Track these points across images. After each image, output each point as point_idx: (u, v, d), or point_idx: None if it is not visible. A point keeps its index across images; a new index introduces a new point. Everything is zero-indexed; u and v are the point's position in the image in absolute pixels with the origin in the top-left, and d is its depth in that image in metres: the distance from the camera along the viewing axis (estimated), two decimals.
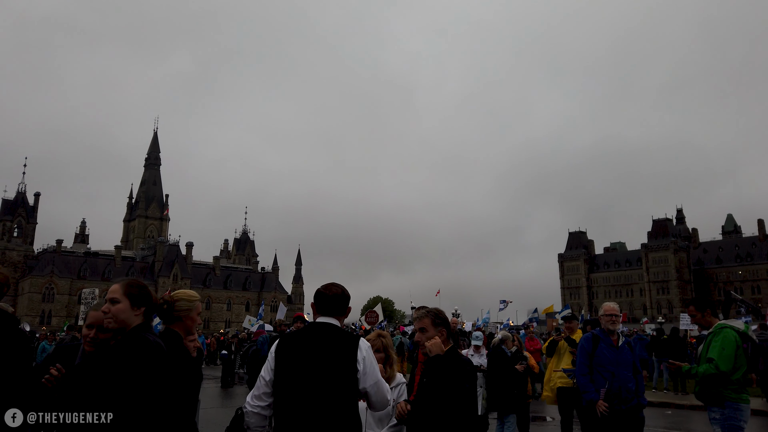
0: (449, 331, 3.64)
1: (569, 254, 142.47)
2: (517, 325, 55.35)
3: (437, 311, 3.62)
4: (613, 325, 5.66)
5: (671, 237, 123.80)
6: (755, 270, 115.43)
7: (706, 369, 4.97)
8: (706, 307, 5.33)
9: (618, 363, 5.54)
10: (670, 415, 13.39)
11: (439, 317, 3.57)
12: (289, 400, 2.76)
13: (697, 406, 14.21)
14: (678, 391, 16.33)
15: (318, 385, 2.74)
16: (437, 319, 3.56)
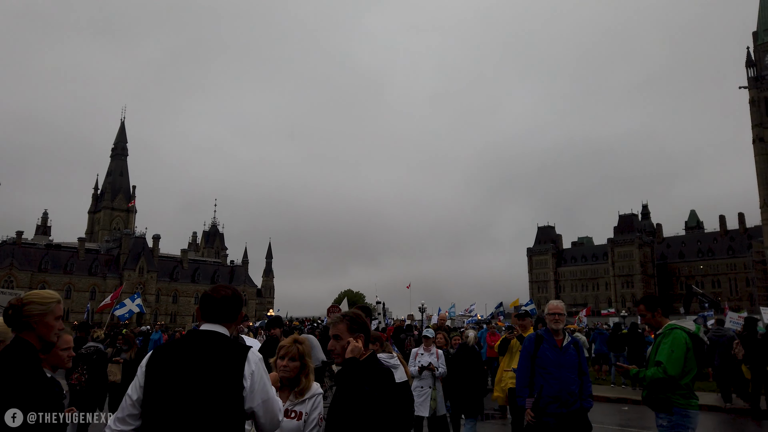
0: (368, 337, 3.27)
1: (538, 248, 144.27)
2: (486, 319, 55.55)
3: (355, 316, 3.23)
4: (556, 324, 5.38)
5: (636, 232, 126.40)
6: (716, 265, 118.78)
7: (654, 373, 4.72)
8: (657, 307, 5.08)
9: (561, 364, 5.26)
10: (626, 410, 13.39)
11: (356, 322, 3.19)
12: (158, 425, 2.35)
13: None
14: (636, 387, 16.38)
15: (193, 406, 2.33)
16: (354, 325, 3.17)
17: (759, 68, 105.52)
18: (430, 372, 7.93)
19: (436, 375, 7.95)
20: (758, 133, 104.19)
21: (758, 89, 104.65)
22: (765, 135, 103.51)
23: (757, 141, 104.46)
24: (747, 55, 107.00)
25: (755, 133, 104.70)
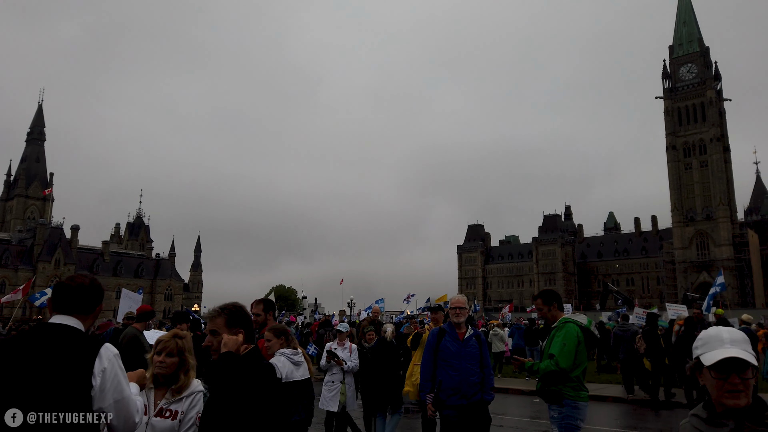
0: (251, 331, 3.13)
1: (467, 246, 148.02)
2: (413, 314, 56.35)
3: (234, 308, 3.06)
4: (457, 317, 5.50)
5: (559, 232, 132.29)
6: (630, 264, 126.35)
7: (547, 366, 4.88)
8: (553, 301, 5.27)
9: (462, 356, 5.39)
10: (537, 403, 13.88)
11: (235, 316, 3.02)
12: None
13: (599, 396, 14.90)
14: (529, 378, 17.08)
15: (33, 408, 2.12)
16: (233, 319, 3.01)
17: (674, 80, 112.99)
18: (339, 366, 7.89)
19: (344, 369, 7.90)
20: (671, 141, 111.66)
21: (672, 100, 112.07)
22: (677, 143, 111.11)
23: (670, 149, 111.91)
24: (663, 67, 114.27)
25: (668, 141, 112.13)
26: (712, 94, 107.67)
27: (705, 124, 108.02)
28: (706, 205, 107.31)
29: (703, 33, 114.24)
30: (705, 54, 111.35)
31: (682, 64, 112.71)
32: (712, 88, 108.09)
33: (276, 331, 5.64)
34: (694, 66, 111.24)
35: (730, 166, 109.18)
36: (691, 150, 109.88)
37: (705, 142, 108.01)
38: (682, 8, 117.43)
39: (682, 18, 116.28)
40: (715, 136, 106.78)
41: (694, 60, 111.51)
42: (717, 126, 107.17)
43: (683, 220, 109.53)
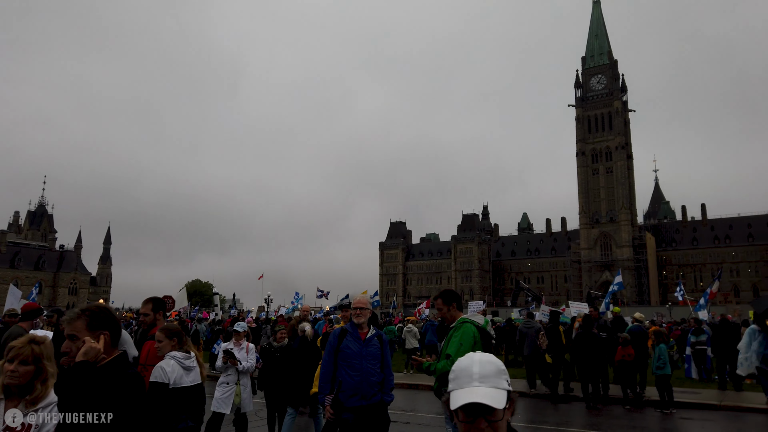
0: (117, 335, 2.87)
1: (389, 243, 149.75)
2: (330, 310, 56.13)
3: (97, 309, 2.80)
4: (358, 318, 5.46)
5: (477, 231, 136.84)
6: (541, 262, 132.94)
7: (444, 366, 4.92)
8: (452, 301, 5.32)
9: (363, 356, 5.34)
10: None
11: (98, 318, 2.76)
12: None
13: None
14: None
15: None
16: (95, 321, 2.74)
17: (585, 90, 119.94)
18: (234, 367, 7.64)
19: (239, 370, 7.66)
20: (581, 147, 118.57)
21: (583, 108, 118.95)
22: (586, 149, 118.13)
23: (579, 155, 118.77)
24: (576, 78, 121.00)
25: (578, 148, 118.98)
26: (619, 105, 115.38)
27: (611, 133, 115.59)
28: (610, 208, 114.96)
29: (612, 47, 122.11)
30: (614, 66, 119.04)
31: (593, 74, 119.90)
32: (619, 99, 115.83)
33: (168, 332, 5.32)
34: (603, 77, 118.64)
35: (632, 173, 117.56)
36: (599, 156, 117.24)
37: (611, 149, 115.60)
38: (594, 22, 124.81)
39: (594, 31, 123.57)
40: (620, 145, 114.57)
41: (603, 72, 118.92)
42: (622, 135, 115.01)
43: (589, 223, 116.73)
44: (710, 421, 11.20)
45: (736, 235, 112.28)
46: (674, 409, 11.87)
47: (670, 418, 11.37)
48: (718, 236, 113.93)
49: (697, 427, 10.72)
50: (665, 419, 11.31)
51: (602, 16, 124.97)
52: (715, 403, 12.44)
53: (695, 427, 10.73)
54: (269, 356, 9.18)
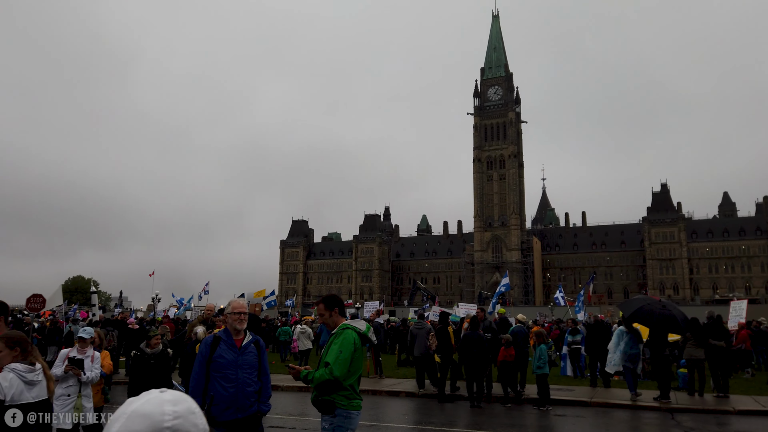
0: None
1: (291, 241, 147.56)
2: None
3: None
4: (241, 323, 5.08)
5: (378, 231, 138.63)
6: (438, 263, 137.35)
7: (321, 375, 4.68)
8: (335, 306, 5.10)
9: (239, 365, 4.97)
10: None
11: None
12: None
13: (383, 391, 15.32)
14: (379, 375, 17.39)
15: None
16: None
17: (483, 99, 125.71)
18: (77, 377, 6.92)
19: (81, 380, 6.93)
20: (477, 154, 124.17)
21: (481, 117, 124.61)
22: (482, 156, 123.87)
23: (476, 161, 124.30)
24: (475, 87, 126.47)
25: (475, 155, 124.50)
26: (513, 116, 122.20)
27: (505, 142, 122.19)
28: (503, 213, 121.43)
29: (509, 60, 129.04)
30: (509, 79, 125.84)
31: (491, 85, 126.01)
32: (513, 110, 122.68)
33: (8, 341, 4.64)
34: (500, 88, 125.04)
35: (523, 181, 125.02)
36: (493, 164, 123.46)
37: (504, 158, 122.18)
38: (493, 35, 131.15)
39: (493, 44, 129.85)
40: (513, 153, 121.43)
41: (500, 83, 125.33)
42: (515, 144, 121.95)
43: (483, 226, 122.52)
44: (582, 417, 11.92)
45: (611, 241, 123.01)
46: (550, 407, 12.53)
47: (546, 416, 11.97)
48: (595, 242, 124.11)
49: (570, 424, 11.37)
50: (542, 416, 11.90)
51: (500, 30, 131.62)
52: (586, 400, 13.30)
53: (568, 424, 11.37)
54: (142, 364, 8.45)
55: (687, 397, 13.74)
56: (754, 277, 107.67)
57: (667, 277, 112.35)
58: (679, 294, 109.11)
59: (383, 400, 14.56)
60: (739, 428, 10.83)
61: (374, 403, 14.00)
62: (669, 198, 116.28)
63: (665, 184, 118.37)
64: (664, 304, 12.80)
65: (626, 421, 11.89)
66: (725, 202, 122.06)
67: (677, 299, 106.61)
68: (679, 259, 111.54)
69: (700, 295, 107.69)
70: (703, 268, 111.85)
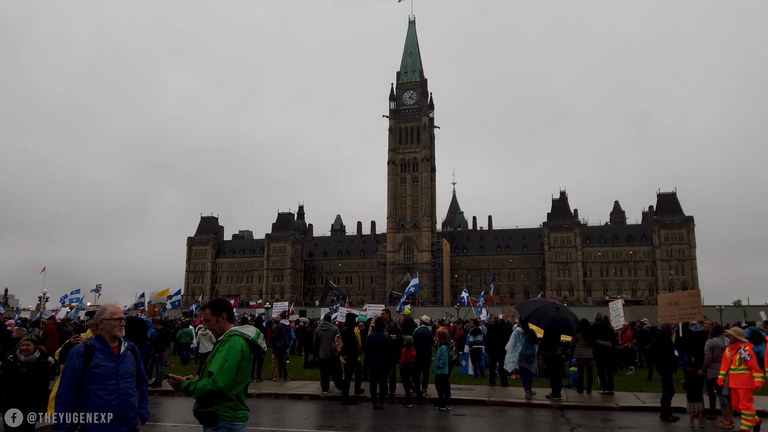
0: None
1: (199, 238, 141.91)
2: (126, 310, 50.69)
3: None
4: (121, 330, 4.69)
5: (292, 230, 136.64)
6: (351, 263, 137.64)
7: (204, 385, 4.36)
8: (222, 311, 4.78)
9: (119, 375, 4.58)
10: None
11: None
12: None
13: (286, 394, 14.86)
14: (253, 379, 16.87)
15: None
16: None
17: (398, 103, 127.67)
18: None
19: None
20: (392, 157, 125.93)
21: (396, 120, 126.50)
22: (396, 159, 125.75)
23: (390, 163, 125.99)
24: (391, 91, 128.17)
25: (390, 157, 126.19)
26: (426, 120, 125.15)
27: (419, 145, 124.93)
28: (414, 215, 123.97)
29: (424, 66, 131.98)
30: (424, 84, 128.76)
31: (406, 90, 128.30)
32: (427, 115, 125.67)
33: None
34: (415, 93, 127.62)
35: (434, 184, 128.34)
36: (407, 166, 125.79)
37: (417, 161, 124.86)
38: (409, 40, 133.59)
39: (409, 49, 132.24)
40: (426, 157, 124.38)
41: (415, 88, 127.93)
42: (428, 148, 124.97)
43: (396, 227, 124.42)
44: (479, 416, 12.24)
45: (515, 244, 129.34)
46: (450, 406, 12.77)
47: (446, 415, 12.18)
48: (500, 245, 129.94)
49: (467, 423, 11.64)
50: (441, 416, 12.09)
51: (416, 36, 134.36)
52: (485, 399, 13.71)
53: (466, 423, 11.63)
54: (13, 373, 7.59)
55: (576, 394, 14.57)
56: (640, 280, 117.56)
57: (564, 279, 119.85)
58: (574, 295, 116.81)
59: (286, 403, 14.22)
60: (621, 424, 11.59)
61: (277, 407, 13.63)
62: (567, 205, 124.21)
63: (564, 192, 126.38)
64: (557, 306, 13.48)
65: (520, 419, 12.37)
66: (616, 210, 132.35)
67: (572, 300, 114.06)
68: (574, 263, 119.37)
69: (592, 296, 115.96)
70: (595, 271, 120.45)
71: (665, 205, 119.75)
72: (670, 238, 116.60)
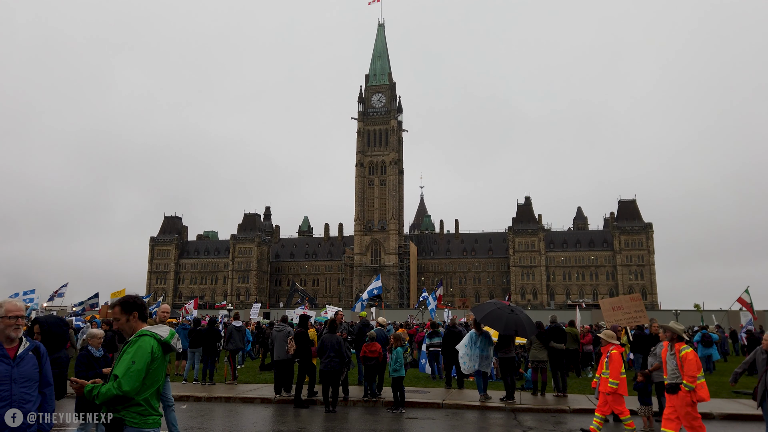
0: None
1: (162, 238, 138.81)
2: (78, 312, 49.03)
3: None
4: (16, 331, 4.24)
5: (258, 231, 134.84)
6: (318, 265, 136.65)
7: (108, 390, 4.01)
8: (133, 310, 4.42)
9: (13, 380, 4.15)
10: (184, 409, 12.97)
11: None
12: None
13: (237, 398, 14.38)
14: (206, 382, 16.36)
15: None
16: None
17: (367, 106, 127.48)
18: None
19: None
20: (360, 159, 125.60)
21: (364, 123, 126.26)
22: (365, 161, 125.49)
23: (358, 165, 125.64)
24: (360, 93, 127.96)
25: (358, 159, 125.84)
26: (395, 124, 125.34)
27: (387, 148, 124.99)
28: (382, 218, 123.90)
29: (393, 69, 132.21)
30: (392, 88, 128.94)
31: (375, 92, 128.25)
32: (395, 118, 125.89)
33: None
34: (383, 96, 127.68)
35: (402, 187, 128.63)
36: (375, 169, 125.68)
37: (386, 164, 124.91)
38: (378, 43, 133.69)
39: (378, 52, 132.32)
40: (394, 160, 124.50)
41: (383, 91, 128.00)
42: (395, 151, 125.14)
43: (363, 230, 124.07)
44: (433, 419, 12.06)
45: (480, 248, 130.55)
46: (404, 409, 12.56)
47: (399, 419, 11.96)
48: (466, 248, 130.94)
49: (419, 427, 11.42)
50: (395, 420, 11.85)
51: (385, 39, 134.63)
52: (439, 402, 13.54)
53: (417, 427, 11.41)
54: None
55: (530, 396, 14.55)
56: (601, 285, 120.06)
57: (528, 282, 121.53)
58: (538, 299, 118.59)
59: (236, 407, 13.76)
60: (572, 426, 11.56)
61: (226, 411, 13.18)
62: (531, 210, 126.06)
63: (528, 197, 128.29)
64: (512, 309, 13.42)
65: (474, 422, 12.24)
66: (578, 216, 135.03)
67: (536, 303, 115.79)
68: (538, 267, 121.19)
69: (555, 300, 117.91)
70: (558, 275, 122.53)
71: (625, 211, 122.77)
72: (630, 243, 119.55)
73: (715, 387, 17.08)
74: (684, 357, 8.34)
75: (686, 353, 8.38)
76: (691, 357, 8.31)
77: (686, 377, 8.24)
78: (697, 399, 8.26)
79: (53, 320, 6.08)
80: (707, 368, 22.04)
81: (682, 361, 8.35)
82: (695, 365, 8.21)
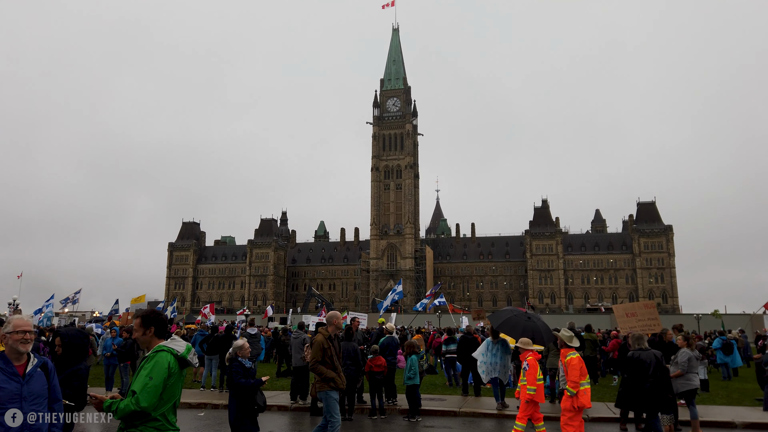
0: None
1: (180, 244, 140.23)
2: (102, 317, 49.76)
3: None
4: (26, 345, 4.24)
5: (274, 236, 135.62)
6: (334, 270, 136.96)
7: (127, 405, 4.07)
8: (151, 325, 4.48)
9: (24, 397, 4.12)
10: (202, 417, 13.10)
11: None
12: None
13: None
14: (223, 389, 16.48)
15: None
16: None
17: (382, 110, 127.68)
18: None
19: None
20: (376, 163, 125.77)
21: (380, 127, 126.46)
22: (380, 166, 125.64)
23: (374, 170, 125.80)
24: (375, 97, 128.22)
25: (373, 163, 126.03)
26: (410, 128, 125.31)
27: (402, 152, 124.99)
28: (398, 222, 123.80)
29: (408, 74, 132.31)
30: (407, 92, 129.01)
31: (390, 97, 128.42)
32: (410, 122, 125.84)
33: None
34: (398, 100, 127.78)
35: (418, 191, 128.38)
36: (391, 173, 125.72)
37: (401, 168, 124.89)
38: (393, 48, 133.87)
39: (393, 57, 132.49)
40: (409, 164, 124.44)
41: (398, 95, 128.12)
42: (411, 155, 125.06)
43: (379, 234, 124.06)
44: (448, 428, 12.00)
45: (497, 252, 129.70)
46: (420, 417, 12.52)
47: (415, 427, 11.93)
48: (483, 252, 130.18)
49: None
50: (410, 428, 11.83)
51: (400, 44, 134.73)
52: (455, 410, 13.48)
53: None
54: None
55: (549, 404, 14.39)
56: (620, 288, 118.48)
57: (546, 286, 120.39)
58: (556, 303, 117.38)
59: None
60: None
61: None
62: (549, 213, 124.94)
63: (546, 200, 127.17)
64: (529, 316, 13.30)
65: (491, 430, 12.15)
66: (597, 219, 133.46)
67: (554, 307, 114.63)
68: (556, 270, 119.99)
69: (573, 304, 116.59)
70: (576, 278, 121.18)
71: (645, 213, 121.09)
72: (650, 246, 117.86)
73: (738, 394, 16.76)
74: (568, 363, 8.59)
75: (570, 359, 8.61)
76: (575, 363, 8.52)
77: (569, 383, 8.45)
78: (579, 405, 8.43)
79: (74, 332, 6.19)
80: (726, 376, 21.54)
81: (566, 366, 8.60)
82: (578, 371, 8.44)
